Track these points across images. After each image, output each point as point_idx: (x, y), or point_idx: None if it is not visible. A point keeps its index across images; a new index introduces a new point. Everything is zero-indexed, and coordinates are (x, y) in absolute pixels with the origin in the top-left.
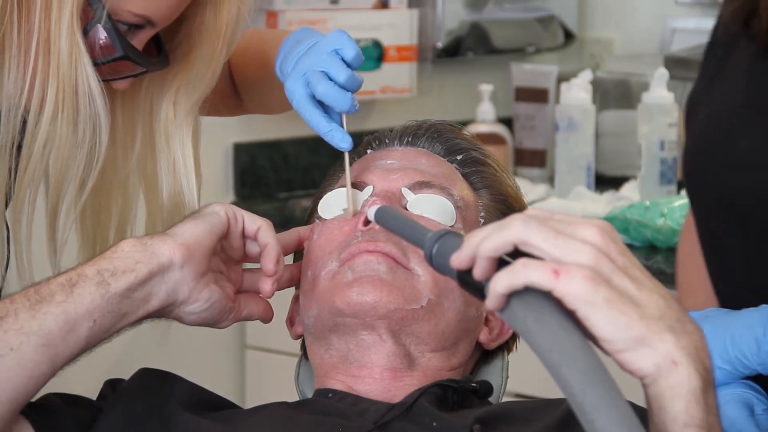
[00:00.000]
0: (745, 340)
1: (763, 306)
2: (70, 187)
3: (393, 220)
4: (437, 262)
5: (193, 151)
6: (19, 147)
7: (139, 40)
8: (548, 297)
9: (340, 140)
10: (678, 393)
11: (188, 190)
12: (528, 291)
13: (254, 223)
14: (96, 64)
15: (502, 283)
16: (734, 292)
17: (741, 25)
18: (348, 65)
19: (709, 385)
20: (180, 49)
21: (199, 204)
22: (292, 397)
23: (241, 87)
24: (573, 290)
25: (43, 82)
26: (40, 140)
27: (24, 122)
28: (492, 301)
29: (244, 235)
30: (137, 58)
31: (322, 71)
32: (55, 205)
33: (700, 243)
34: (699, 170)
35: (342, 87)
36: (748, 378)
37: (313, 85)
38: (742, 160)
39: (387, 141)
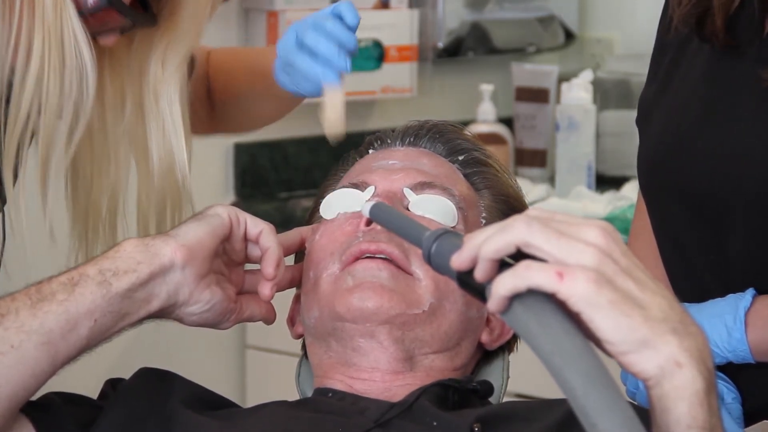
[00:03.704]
0: (715, 329)
1: (730, 295)
2: (60, 140)
3: (389, 217)
4: (436, 262)
5: (180, 108)
6: (8, 101)
7: None
8: (550, 299)
9: (334, 73)
10: (682, 395)
11: (178, 149)
12: (530, 293)
13: (256, 227)
14: (82, 15)
15: (505, 285)
16: (697, 290)
17: (692, 26)
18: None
19: (711, 386)
20: (166, 8)
21: (190, 168)
22: (293, 396)
23: (223, 101)
24: (577, 292)
25: (29, 33)
26: (28, 93)
27: (11, 77)
28: (494, 303)
29: (246, 238)
30: (122, 7)
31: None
32: (45, 159)
33: (659, 244)
34: (660, 173)
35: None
36: (717, 367)
37: (304, 34)
38: (707, 159)
39: (389, 141)
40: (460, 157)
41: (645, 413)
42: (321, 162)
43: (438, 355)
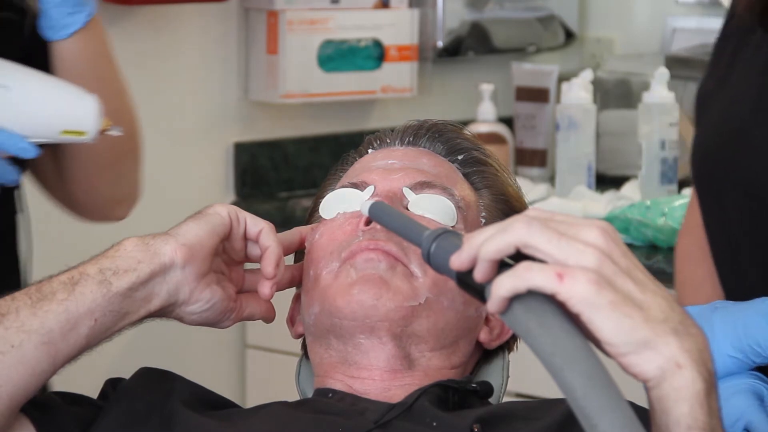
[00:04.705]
0: (758, 328)
1: None
2: None
3: (388, 216)
4: (435, 262)
5: None
6: None
7: None
8: (550, 300)
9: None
10: (682, 396)
11: None
12: (530, 294)
13: (256, 226)
14: None
15: (504, 286)
16: (745, 287)
17: (756, 15)
18: None
19: (711, 387)
20: None
21: None
22: (293, 396)
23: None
24: (577, 293)
25: None
26: None
27: None
28: (494, 304)
29: (245, 237)
30: None
31: None
32: None
33: (709, 238)
34: (713, 162)
35: None
36: (759, 368)
37: None
38: (761, 149)
39: (388, 141)
40: (460, 157)
41: (645, 413)
42: (321, 162)
43: (435, 353)
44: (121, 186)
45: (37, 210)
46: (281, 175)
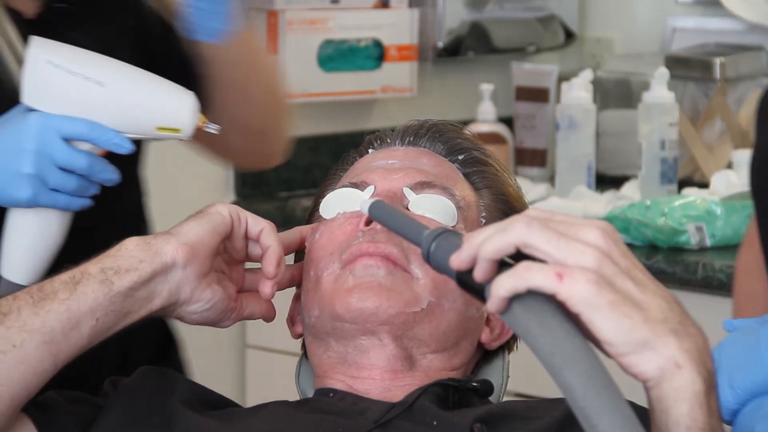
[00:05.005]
0: None
1: None
2: None
3: (388, 216)
4: (435, 261)
5: None
6: None
7: None
8: (550, 300)
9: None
10: (681, 396)
11: None
12: (530, 294)
13: (257, 225)
14: None
15: (504, 286)
16: None
17: None
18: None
19: (711, 387)
20: None
21: None
22: (293, 396)
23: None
24: (576, 293)
25: None
26: None
27: None
28: (494, 304)
29: (246, 236)
30: None
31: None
32: None
33: (764, 249)
34: None
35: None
36: None
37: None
38: None
39: (389, 141)
40: (460, 157)
41: (645, 413)
42: (321, 161)
43: (436, 354)
44: (273, 143)
45: (157, 193)
46: (281, 175)
